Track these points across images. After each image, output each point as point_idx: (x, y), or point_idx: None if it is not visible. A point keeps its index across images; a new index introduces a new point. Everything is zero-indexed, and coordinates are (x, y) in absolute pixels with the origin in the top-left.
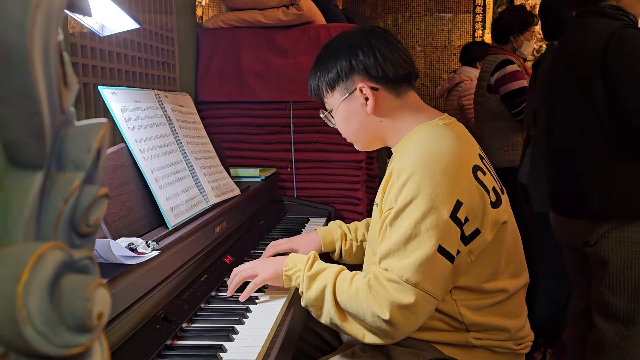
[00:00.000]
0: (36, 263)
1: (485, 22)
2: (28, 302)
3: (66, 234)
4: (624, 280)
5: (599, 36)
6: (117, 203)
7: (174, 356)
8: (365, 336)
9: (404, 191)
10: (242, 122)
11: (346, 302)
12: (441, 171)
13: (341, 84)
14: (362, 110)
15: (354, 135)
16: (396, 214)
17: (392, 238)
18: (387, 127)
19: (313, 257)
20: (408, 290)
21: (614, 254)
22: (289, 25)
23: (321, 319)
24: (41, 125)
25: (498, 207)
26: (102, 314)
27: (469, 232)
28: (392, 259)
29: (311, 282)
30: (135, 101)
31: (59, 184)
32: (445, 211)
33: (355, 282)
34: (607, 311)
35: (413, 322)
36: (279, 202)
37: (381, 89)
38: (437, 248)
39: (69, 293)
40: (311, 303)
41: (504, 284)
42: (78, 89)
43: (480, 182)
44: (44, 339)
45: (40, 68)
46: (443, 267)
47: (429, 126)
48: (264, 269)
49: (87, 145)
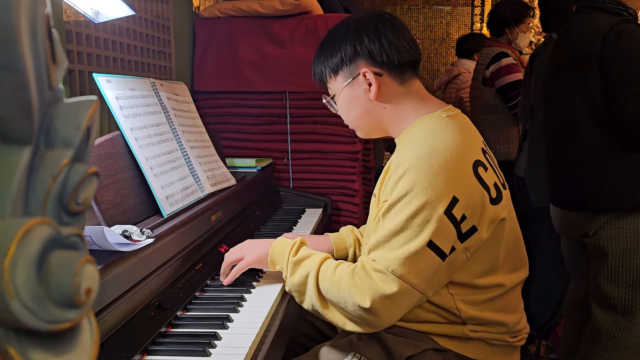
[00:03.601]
0: (23, 237)
1: (483, 14)
2: (15, 277)
3: (55, 212)
4: (622, 271)
5: (598, 31)
6: (111, 191)
7: (168, 343)
8: (345, 324)
9: (400, 184)
10: (238, 112)
11: (328, 290)
12: (439, 166)
13: (345, 68)
14: (365, 96)
15: (356, 122)
16: (389, 206)
17: (383, 230)
18: (390, 114)
19: (299, 243)
20: (392, 281)
21: (613, 245)
22: (286, 15)
23: (304, 304)
24: (28, 99)
25: (498, 203)
26: (90, 290)
27: (466, 229)
28: (380, 250)
29: (295, 268)
30: (131, 89)
31: (47, 160)
32: (440, 207)
33: (339, 271)
34: (605, 301)
35: (394, 312)
36: (275, 192)
37: (385, 74)
38: (427, 243)
39: (57, 268)
40: (294, 288)
41: (501, 279)
42: (73, 77)
43: (480, 179)
44: (31, 313)
45: (27, 42)
46: (431, 262)
47: (431, 118)
48: (249, 252)
49: (76, 122)
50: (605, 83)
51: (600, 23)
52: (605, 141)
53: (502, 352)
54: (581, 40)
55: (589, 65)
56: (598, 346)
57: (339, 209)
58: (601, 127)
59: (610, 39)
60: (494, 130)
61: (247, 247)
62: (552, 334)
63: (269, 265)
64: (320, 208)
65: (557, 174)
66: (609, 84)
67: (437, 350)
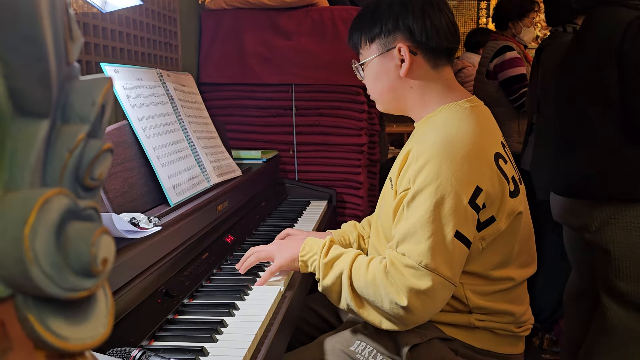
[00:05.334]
0: (42, 206)
1: (489, 9)
2: (35, 244)
3: (71, 186)
4: (630, 266)
5: (618, 24)
6: (119, 179)
7: (175, 329)
8: (382, 322)
9: (423, 173)
10: (244, 104)
11: (363, 288)
12: (463, 156)
13: (382, 38)
14: (395, 72)
15: (379, 95)
16: (414, 194)
17: (408, 220)
18: (415, 95)
19: (329, 243)
20: (425, 276)
21: (617, 241)
22: (292, 7)
23: (340, 304)
24: (47, 71)
25: (516, 197)
26: (107, 260)
27: (484, 218)
28: (409, 243)
29: (327, 270)
30: (138, 79)
31: (64, 135)
32: (464, 196)
33: (372, 268)
34: (616, 294)
35: (431, 308)
36: (280, 184)
37: (420, 54)
38: (454, 233)
39: (75, 238)
40: (328, 289)
41: (512, 272)
42: (81, 67)
43: (501, 170)
44: (50, 280)
45: (47, 14)
46: (460, 252)
47: (454, 107)
48: (280, 254)
49: (91, 98)
50: (623, 76)
51: (620, 17)
52: (618, 134)
53: (508, 342)
54: (601, 34)
55: (608, 58)
56: (612, 338)
57: (344, 201)
58: (615, 120)
59: (631, 32)
60: None
61: (277, 249)
62: (556, 327)
63: (300, 267)
64: (325, 200)
65: (565, 163)
66: (626, 76)
67: (443, 339)
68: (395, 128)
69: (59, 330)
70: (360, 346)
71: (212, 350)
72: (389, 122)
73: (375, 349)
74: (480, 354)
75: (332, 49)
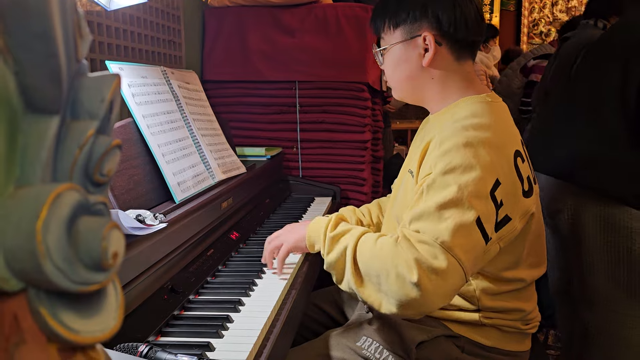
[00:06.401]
0: (54, 201)
1: (493, 5)
2: (47, 238)
3: (81, 181)
4: (600, 261)
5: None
6: (124, 176)
7: (181, 325)
8: (382, 303)
9: (446, 158)
10: (248, 102)
11: (368, 261)
12: (486, 146)
13: (407, 25)
14: (417, 61)
15: (398, 83)
16: (435, 177)
17: (428, 201)
18: (435, 87)
19: (336, 218)
20: (441, 254)
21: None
22: (295, 4)
23: (342, 285)
24: (58, 68)
25: (529, 197)
26: (117, 254)
27: (501, 217)
28: (425, 221)
29: (333, 244)
30: (142, 77)
31: (74, 131)
32: (488, 184)
33: (381, 241)
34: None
35: (441, 293)
36: (285, 181)
37: (444, 45)
38: (475, 219)
39: (85, 232)
40: (332, 266)
41: (522, 273)
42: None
43: (517, 170)
44: (62, 274)
45: (58, 12)
46: (478, 241)
47: (477, 99)
48: (287, 237)
49: (100, 95)
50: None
51: None
52: (627, 135)
53: (515, 339)
54: (634, 29)
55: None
56: (593, 343)
57: (348, 198)
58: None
59: None
60: None
61: (284, 232)
62: None
63: (307, 247)
64: (329, 197)
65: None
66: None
67: (450, 336)
68: (399, 125)
69: (71, 323)
70: (367, 342)
71: (218, 345)
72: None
73: (381, 345)
74: (487, 351)
75: (336, 46)
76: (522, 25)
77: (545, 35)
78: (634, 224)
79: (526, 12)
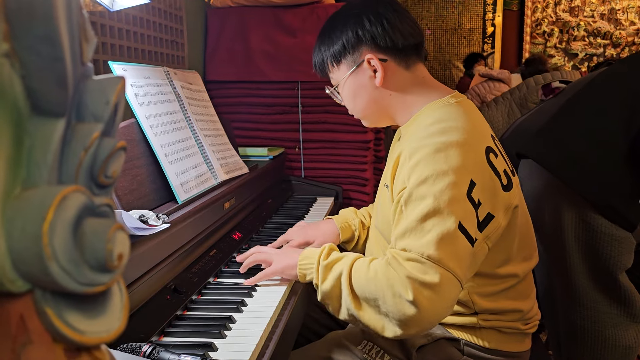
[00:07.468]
0: (60, 203)
1: (496, 4)
2: (53, 240)
3: (86, 183)
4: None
5: None
6: (127, 177)
7: (184, 325)
8: (385, 327)
9: (418, 170)
10: (250, 102)
11: (364, 286)
12: (455, 150)
13: (348, 56)
14: (371, 84)
15: (363, 112)
16: (410, 191)
17: (408, 218)
18: (397, 102)
19: (329, 248)
20: (430, 268)
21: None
22: (297, 5)
23: (340, 314)
24: (64, 71)
25: (509, 190)
26: (122, 255)
27: (482, 216)
28: (409, 238)
29: (326, 273)
30: (145, 77)
31: (79, 133)
32: (462, 188)
33: (374, 265)
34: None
35: (438, 307)
36: (287, 181)
37: (390, 60)
38: (457, 225)
39: (91, 234)
40: (327, 295)
41: (516, 268)
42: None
43: (491, 165)
44: (68, 275)
45: (63, 15)
46: (465, 247)
47: (440, 104)
48: (278, 260)
49: (105, 98)
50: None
51: None
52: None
53: (515, 340)
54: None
55: None
56: (580, 343)
57: (350, 198)
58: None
59: None
60: (502, 117)
61: (277, 254)
62: None
63: (298, 275)
64: (331, 197)
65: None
66: None
67: (450, 339)
68: None
69: (76, 324)
70: (368, 345)
71: (221, 346)
72: None
73: (382, 349)
74: (487, 352)
75: None
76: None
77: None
78: (614, 231)
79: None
